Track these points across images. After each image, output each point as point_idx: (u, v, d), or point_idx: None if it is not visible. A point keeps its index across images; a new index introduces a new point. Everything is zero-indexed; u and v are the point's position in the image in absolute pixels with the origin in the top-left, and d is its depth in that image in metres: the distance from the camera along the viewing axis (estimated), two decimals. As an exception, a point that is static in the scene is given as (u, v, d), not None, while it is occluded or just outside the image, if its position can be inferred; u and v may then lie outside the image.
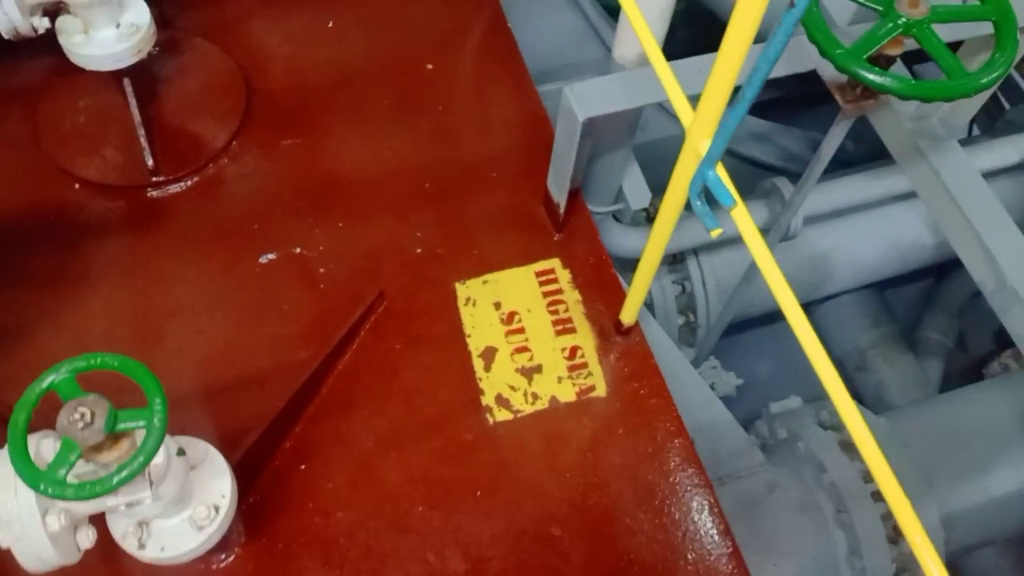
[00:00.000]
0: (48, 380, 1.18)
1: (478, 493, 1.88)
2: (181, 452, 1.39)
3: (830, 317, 4.33)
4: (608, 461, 1.94)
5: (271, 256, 2.15)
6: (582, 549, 1.83)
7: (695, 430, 2.50)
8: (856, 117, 1.99)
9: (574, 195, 2.23)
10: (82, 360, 1.19)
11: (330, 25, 2.57)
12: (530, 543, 1.83)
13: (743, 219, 1.37)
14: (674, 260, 3.59)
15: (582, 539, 1.84)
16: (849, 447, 2.66)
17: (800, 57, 1.95)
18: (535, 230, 2.24)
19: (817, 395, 3.41)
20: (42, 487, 1.12)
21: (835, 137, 2.07)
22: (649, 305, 3.63)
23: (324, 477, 1.88)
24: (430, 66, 2.51)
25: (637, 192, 2.59)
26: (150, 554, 1.45)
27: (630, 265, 3.59)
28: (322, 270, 2.14)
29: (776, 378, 3.93)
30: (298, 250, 2.16)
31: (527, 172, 2.31)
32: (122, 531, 1.45)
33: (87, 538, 1.38)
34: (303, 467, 1.88)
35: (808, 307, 4.23)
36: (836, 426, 2.71)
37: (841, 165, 3.96)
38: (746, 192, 3.36)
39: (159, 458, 1.31)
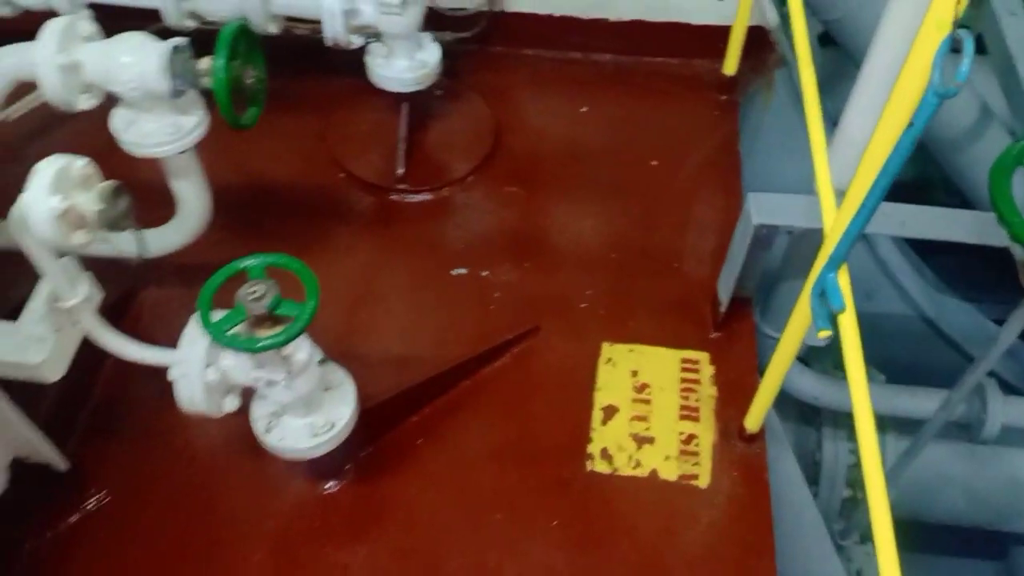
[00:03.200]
0: (246, 263, 1.54)
1: (554, 523, 2.00)
2: (324, 361, 1.69)
3: (1030, 559, 3.87)
4: (682, 550, 1.97)
5: (462, 271, 2.48)
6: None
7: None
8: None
9: (743, 304, 2.34)
10: (272, 256, 1.55)
11: (583, 110, 2.94)
12: (582, 587, 1.91)
13: (849, 329, 1.45)
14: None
15: (633, 605, 1.88)
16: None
17: (996, 230, 1.94)
18: (695, 323, 2.36)
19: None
20: (208, 328, 1.46)
21: (1017, 322, 2.00)
22: (818, 464, 3.51)
23: (431, 458, 2.10)
24: (655, 163, 2.77)
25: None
26: (271, 440, 1.75)
27: (802, 408, 3.51)
28: (497, 295, 2.42)
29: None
30: (485, 273, 2.47)
31: (708, 274, 2.45)
32: (259, 414, 1.77)
33: (231, 403, 1.72)
34: (419, 442, 2.13)
35: (1004, 537, 3.81)
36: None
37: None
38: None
39: (302, 355, 1.62)
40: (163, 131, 1.76)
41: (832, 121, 2.44)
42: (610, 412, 2.19)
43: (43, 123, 2.60)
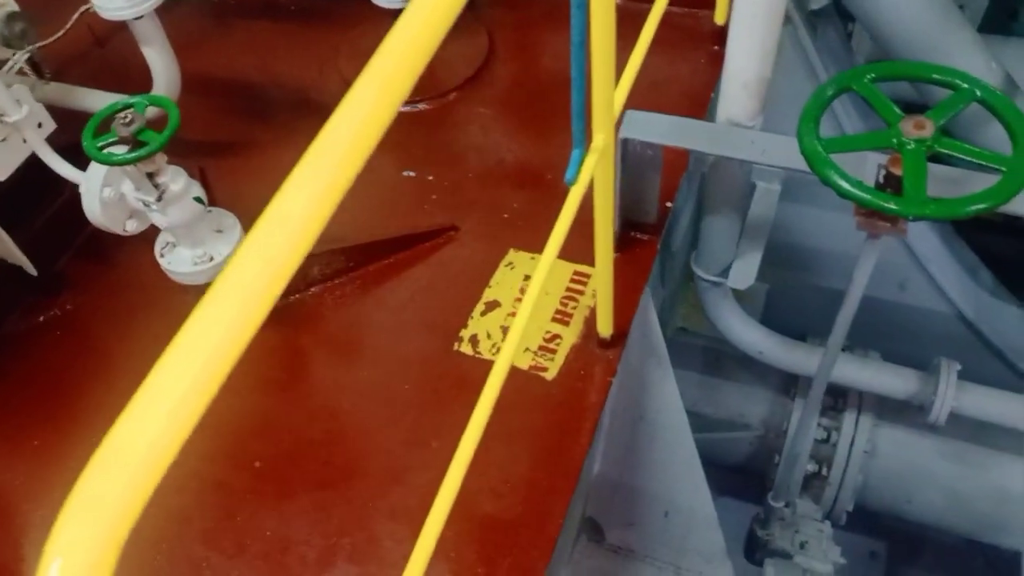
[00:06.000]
0: (133, 101, 1.90)
1: (406, 386, 2.24)
2: (200, 200, 2.03)
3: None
4: (508, 422, 2.13)
5: (411, 173, 2.74)
6: (439, 468, 2.08)
7: (670, 504, 2.51)
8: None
9: (648, 230, 2.43)
10: (152, 97, 1.90)
11: (576, 46, 3.08)
12: (410, 439, 2.14)
13: (573, 198, 1.59)
14: (835, 405, 3.40)
15: (444, 460, 2.08)
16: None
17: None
18: (600, 243, 2.48)
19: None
20: (84, 144, 1.83)
21: (866, 259, 1.98)
22: (783, 432, 3.48)
23: (331, 319, 2.41)
24: (622, 99, 2.87)
25: (743, 273, 2.64)
26: (163, 263, 2.12)
27: (782, 379, 3.48)
28: (434, 196, 2.67)
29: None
30: (430, 178, 2.72)
31: (631, 201, 2.55)
32: (160, 240, 2.14)
33: (132, 225, 2.10)
34: (326, 304, 2.44)
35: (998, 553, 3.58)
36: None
37: None
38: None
39: (176, 186, 1.97)
40: (123, -1, 2.16)
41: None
42: (492, 306, 2.38)
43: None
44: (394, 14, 2.89)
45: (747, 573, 2.91)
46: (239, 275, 0.67)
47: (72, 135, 2.40)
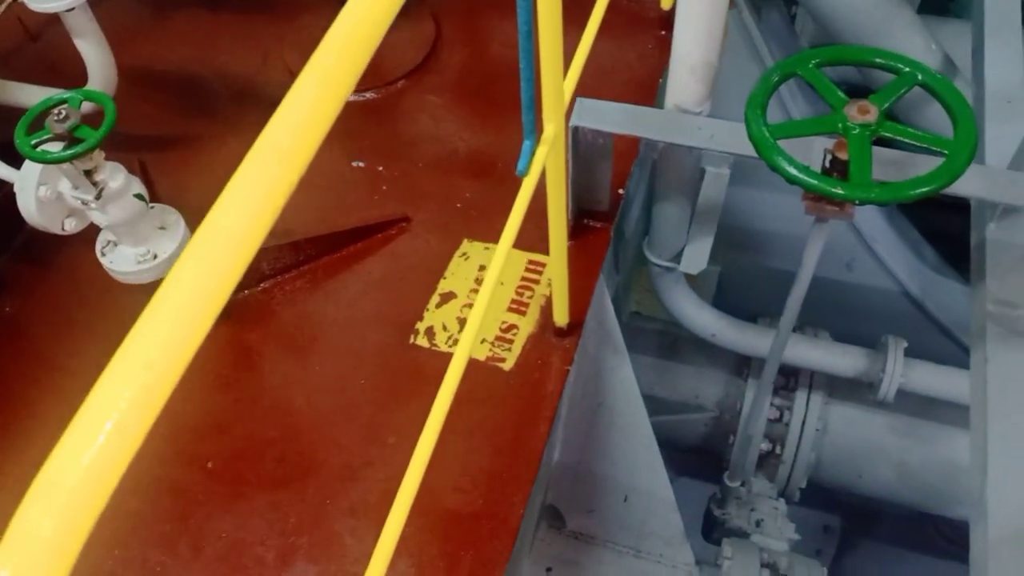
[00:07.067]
0: (67, 96, 1.83)
1: (362, 381, 2.21)
2: (140, 197, 1.97)
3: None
4: (467, 415, 2.11)
5: (360, 163, 2.70)
6: (397, 463, 2.06)
7: (629, 489, 2.53)
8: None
9: (601, 218, 2.43)
10: (86, 91, 1.83)
11: (524, 33, 3.06)
12: (366, 435, 2.12)
13: (525, 191, 1.58)
14: (786, 384, 3.45)
15: (402, 455, 2.07)
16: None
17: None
18: (555, 231, 2.48)
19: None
20: (17, 142, 1.76)
21: (815, 241, 2.01)
22: (737, 413, 3.53)
23: (283, 313, 2.36)
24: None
25: (695, 257, 2.66)
26: (105, 262, 2.06)
27: (736, 361, 3.52)
28: (384, 187, 2.63)
29: None
30: (380, 168, 2.68)
31: (584, 188, 2.55)
32: (101, 239, 2.08)
33: (71, 224, 2.03)
34: (277, 299, 2.39)
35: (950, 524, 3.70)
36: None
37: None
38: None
39: (115, 183, 1.90)
40: (54, -9, 2.08)
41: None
42: (447, 297, 2.36)
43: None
44: (340, 1, 2.86)
45: (706, 553, 2.94)
46: (179, 288, 0.64)
47: (6, 133, 2.33)
